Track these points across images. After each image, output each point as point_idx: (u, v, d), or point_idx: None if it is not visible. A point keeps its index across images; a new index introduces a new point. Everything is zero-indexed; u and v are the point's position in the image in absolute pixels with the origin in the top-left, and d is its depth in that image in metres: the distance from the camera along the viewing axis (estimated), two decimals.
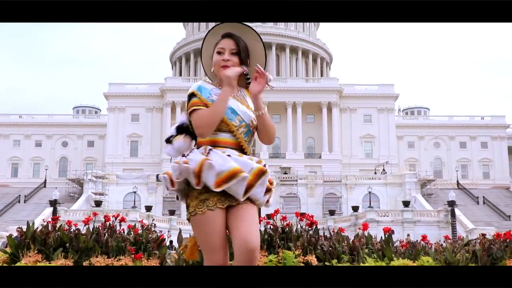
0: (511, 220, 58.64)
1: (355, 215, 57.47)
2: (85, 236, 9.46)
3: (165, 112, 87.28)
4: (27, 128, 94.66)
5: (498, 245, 9.43)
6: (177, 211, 63.79)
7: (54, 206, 53.69)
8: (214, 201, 3.39)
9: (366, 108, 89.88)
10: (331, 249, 9.02)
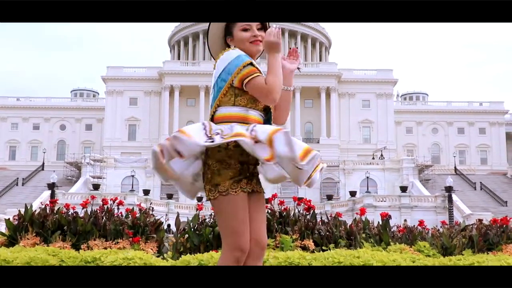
0: (508, 206, 58.80)
1: (353, 200, 57.61)
2: (83, 219, 9.49)
3: (163, 96, 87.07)
4: (25, 111, 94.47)
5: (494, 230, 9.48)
6: (175, 195, 63.89)
7: (52, 189, 53.73)
8: (245, 183, 3.30)
9: (365, 93, 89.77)
10: (329, 234, 9.05)
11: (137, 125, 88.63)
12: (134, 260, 7.38)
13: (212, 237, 8.70)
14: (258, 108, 3.42)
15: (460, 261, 7.53)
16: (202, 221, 9.16)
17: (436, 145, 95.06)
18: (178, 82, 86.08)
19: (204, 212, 10.17)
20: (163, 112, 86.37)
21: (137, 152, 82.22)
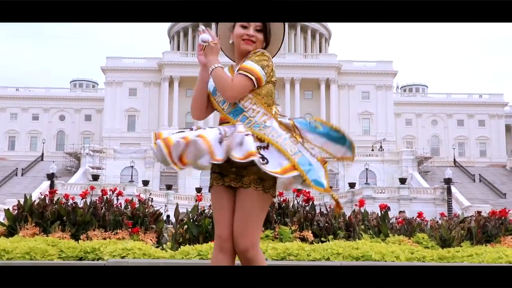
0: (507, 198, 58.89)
1: (352, 192, 57.67)
2: (83, 210, 9.49)
3: (162, 87, 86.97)
4: (24, 101, 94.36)
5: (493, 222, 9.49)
6: (174, 186, 63.97)
7: (52, 179, 53.76)
8: (218, 178, 3.43)
9: (364, 85, 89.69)
10: (328, 225, 9.06)
11: (136, 116, 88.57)
12: (133, 251, 7.39)
13: (211, 228, 8.71)
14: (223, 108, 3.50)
15: (459, 252, 7.54)
16: (201, 212, 9.17)
17: (436, 137, 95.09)
18: (178, 73, 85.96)
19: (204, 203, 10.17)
20: (162, 103, 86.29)
21: (136, 143, 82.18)
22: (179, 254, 7.39)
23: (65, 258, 7.64)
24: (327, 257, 7.12)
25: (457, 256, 7.39)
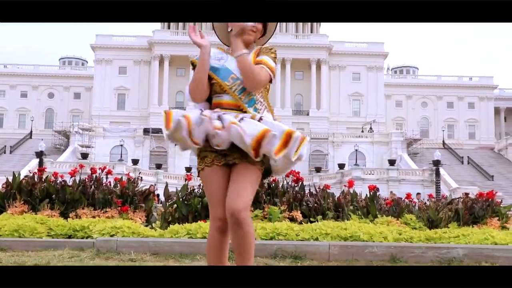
0: (494, 180, 59.36)
1: (341, 173, 57.89)
2: (72, 188, 9.47)
3: (153, 66, 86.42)
4: (12, 78, 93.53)
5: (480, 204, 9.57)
6: (164, 165, 63.91)
7: (40, 157, 53.51)
8: (211, 158, 3.46)
9: (355, 66, 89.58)
10: (317, 206, 9.11)
11: (126, 95, 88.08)
12: (122, 229, 7.40)
13: (200, 207, 8.73)
14: (240, 97, 3.49)
15: (446, 233, 7.61)
16: (190, 191, 9.18)
17: (425, 119, 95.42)
18: (168, 52, 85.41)
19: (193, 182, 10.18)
20: (152, 82, 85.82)
21: (126, 122, 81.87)
22: (168, 233, 7.41)
23: (54, 236, 7.64)
24: (315, 237, 7.17)
25: (444, 237, 7.46)
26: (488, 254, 6.31)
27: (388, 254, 6.31)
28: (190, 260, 6.07)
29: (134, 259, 6.01)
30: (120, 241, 6.68)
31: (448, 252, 6.31)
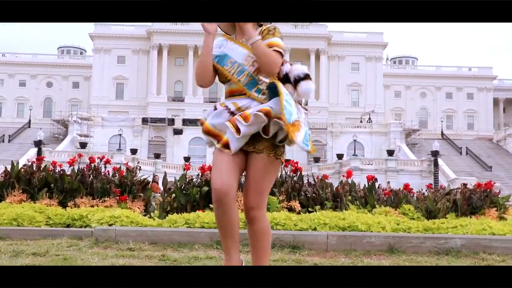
0: (492, 171, 59.48)
1: (340, 163, 57.97)
2: (70, 177, 9.47)
3: (151, 55, 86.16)
4: (11, 67, 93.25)
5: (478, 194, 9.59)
6: (163, 155, 63.90)
7: (39, 146, 53.50)
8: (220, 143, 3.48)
9: (354, 56, 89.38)
10: (315, 196, 9.12)
11: (125, 84, 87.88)
12: (121, 218, 7.40)
13: (199, 197, 8.73)
14: (239, 79, 3.45)
15: (444, 224, 7.63)
16: (189, 181, 9.18)
17: (424, 109, 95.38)
18: (167, 41, 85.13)
19: (191, 172, 10.18)
20: (151, 71, 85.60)
21: (124, 111, 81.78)
22: (166, 223, 7.42)
23: (52, 225, 7.64)
24: (314, 227, 7.18)
25: (442, 227, 7.48)
26: (485, 245, 6.32)
27: (386, 244, 6.32)
28: (188, 250, 6.08)
29: (132, 248, 6.02)
30: (118, 230, 6.69)
31: (446, 243, 6.32)
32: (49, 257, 5.29)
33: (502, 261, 5.71)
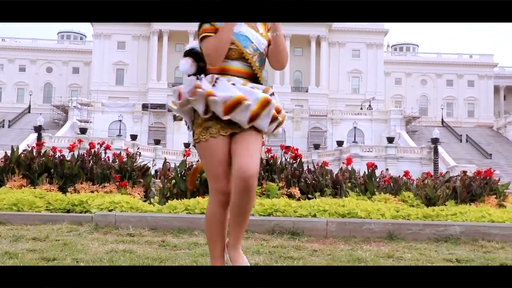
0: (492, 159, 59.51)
1: (340, 150, 57.99)
2: (70, 163, 9.47)
3: (152, 41, 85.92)
4: (11, 52, 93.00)
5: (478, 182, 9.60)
6: (163, 141, 63.91)
7: (39, 132, 53.48)
8: (217, 128, 3.34)
9: (355, 42, 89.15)
10: (315, 182, 9.12)
11: (125, 70, 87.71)
12: (120, 204, 7.42)
13: (198, 184, 8.75)
14: (259, 68, 3.45)
15: (443, 211, 7.64)
16: (189, 167, 9.19)
17: (424, 96, 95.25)
18: (167, 27, 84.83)
19: (191, 158, 10.18)
20: (151, 57, 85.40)
21: (124, 97, 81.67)
22: (166, 209, 7.43)
23: (52, 210, 7.66)
24: (313, 213, 7.19)
25: (442, 215, 7.49)
26: (485, 232, 6.33)
27: (385, 231, 6.33)
28: (188, 235, 6.10)
29: (132, 234, 6.04)
30: (118, 216, 6.70)
31: (445, 230, 6.34)
32: (49, 242, 5.31)
33: (501, 248, 5.72)
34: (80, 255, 4.58)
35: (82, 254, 4.65)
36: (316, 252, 5.21)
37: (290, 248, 5.37)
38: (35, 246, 5.04)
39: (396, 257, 5.02)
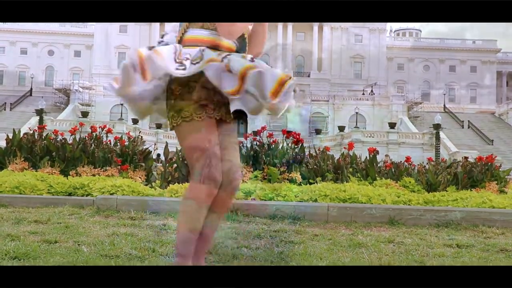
0: (494, 145, 59.51)
1: (341, 135, 57.98)
2: (72, 146, 9.48)
3: (154, 24, 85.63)
4: (12, 34, 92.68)
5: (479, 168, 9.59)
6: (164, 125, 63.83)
7: (41, 115, 53.52)
8: (211, 109, 2.97)
9: (358, 27, 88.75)
10: (316, 167, 9.13)
11: (126, 53, 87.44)
12: (122, 188, 7.43)
13: None
14: None
15: (444, 197, 7.65)
16: None
17: (427, 82, 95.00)
18: None
19: None
20: (153, 41, 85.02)
21: None
22: (167, 193, 7.45)
23: (54, 193, 7.68)
24: (314, 198, 7.21)
25: (443, 200, 7.50)
26: (485, 218, 6.35)
27: (386, 216, 6.35)
28: None
29: (133, 217, 6.06)
30: (120, 199, 6.72)
31: (446, 215, 6.35)
32: (51, 225, 5.33)
33: (502, 234, 5.74)
34: (81, 238, 4.60)
35: (84, 237, 4.67)
36: (317, 237, 5.22)
37: (291, 233, 5.39)
38: (36, 228, 5.06)
39: (396, 242, 5.04)
